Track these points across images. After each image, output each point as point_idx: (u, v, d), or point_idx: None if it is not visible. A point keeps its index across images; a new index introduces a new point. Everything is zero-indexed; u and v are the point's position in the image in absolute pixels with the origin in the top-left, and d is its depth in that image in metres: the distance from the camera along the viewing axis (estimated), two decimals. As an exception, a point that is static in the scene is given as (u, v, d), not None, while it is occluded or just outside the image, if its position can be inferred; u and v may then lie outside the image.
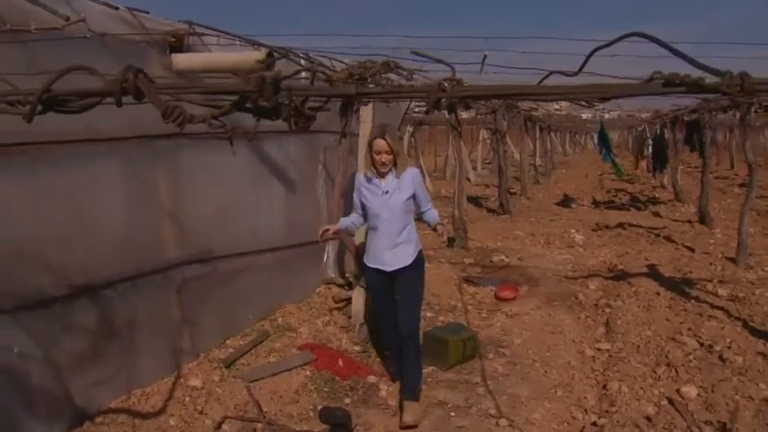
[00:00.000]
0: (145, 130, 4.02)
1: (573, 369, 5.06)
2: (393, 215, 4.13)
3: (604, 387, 4.64)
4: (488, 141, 24.71)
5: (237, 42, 4.95)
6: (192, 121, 1.51)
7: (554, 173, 24.15)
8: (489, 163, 26.63)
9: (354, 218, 4.45)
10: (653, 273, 7.64)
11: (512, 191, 14.75)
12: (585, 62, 2.32)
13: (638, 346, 5.30)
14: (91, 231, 3.67)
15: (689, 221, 11.35)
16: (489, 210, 13.70)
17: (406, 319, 4.23)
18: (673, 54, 1.92)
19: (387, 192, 4.13)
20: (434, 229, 4.33)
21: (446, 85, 2.00)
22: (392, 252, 4.18)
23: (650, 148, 15.89)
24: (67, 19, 2.34)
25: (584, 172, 24.81)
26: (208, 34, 4.48)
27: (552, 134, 28.80)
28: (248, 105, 1.65)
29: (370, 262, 4.30)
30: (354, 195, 4.34)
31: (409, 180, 4.15)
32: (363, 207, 4.29)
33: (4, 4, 3.10)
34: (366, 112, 5.37)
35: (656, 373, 4.73)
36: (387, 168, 4.09)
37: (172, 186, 4.27)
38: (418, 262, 4.27)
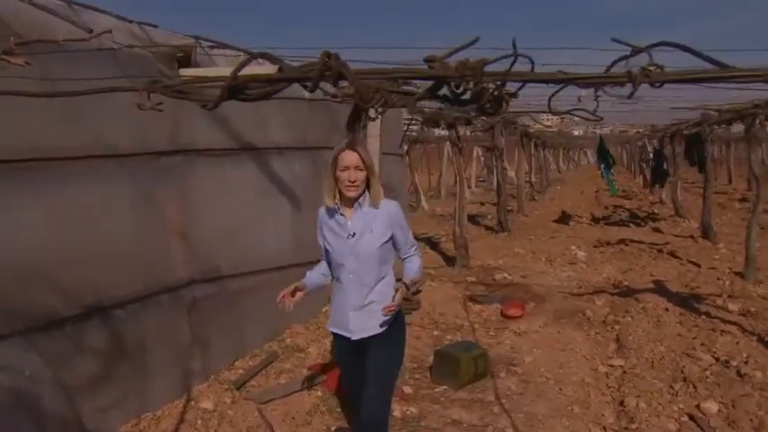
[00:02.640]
0: (153, 146, 4.04)
1: (588, 386, 5.07)
2: (362, 265, 3.11)
3: (621, 404, 4.65)
4: (482, 159, 24.91)
5: (243, 56, 4.99)
6: (395, 105, 1.50)
7: (549, 190, 24.31)
8: (483, 181, 26.82)
9: (324, 269, 3.37)
10: (660, 288, 7.70)
11: (508, 208, 14.84)
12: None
13: (652, 362, 5.33)
14: (100, 250, 3.66)
15: (691, 237, 11.45)
16: (487, 228, 13.76)
17: (371, 406, 3.14)
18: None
19: (353, 234, 3.09)
20: (397, 289, 3.15)
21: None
22: (360, 314, 3.14)
23: (649, 162, 16.06)
24: (91, 31, 2.36)
25: (579, 188, 25.00)
26: (215, 45, 4.52)
27: (545, 151, 29.04)
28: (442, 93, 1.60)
29: (333, 326, 3.29)
30: (318, 236, 3.29)
31: (385, 217, 3.12)
32: (327, 252, 3.26)
33: (13, 17, 3.13)
34: (373, 126, 5.40)
35: (673, 388, 4.74)
36: (356, 192, 3.03)
37: (180, 204, 4.28)
38: (395, 328, 3.22)
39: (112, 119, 3.69)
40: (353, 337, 3.18)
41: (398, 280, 3.25)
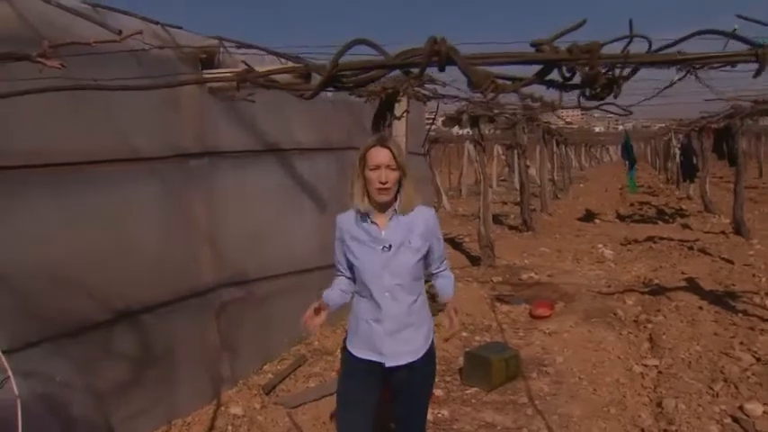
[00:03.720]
0: (180, 148, 4.03)
1: (623, 386, 4.97)
2: (400, 282, 2.71)
3: (659, 405, 4.54)
4: (503, 157, 24.75)
5: (266, 57, 4.97)
6: (505, 90, 1.44)
7: (572, 187, 24.09)
8: (504, 180, 26.66)
9: (344, 285, 2.93)
10: (692, 286, 7.55)
11: (531, 207, 14.72)
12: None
13: (689, 362, 5.21)
14: (129, 254, 3.65)
15: (722, 233, 11.25)
16: (511, 227, 13.65)
17: None
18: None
19: (389, 246, 2.69)
20: (441, 309, 2.92)
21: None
22: (397, 339, 2.73)
23: (677, 157, 15.81)
24: (120, 32, 2.35)
25: (603, 186, 24.73)
26: (239, 45, 4.50)
27: (567, 148, 28.80)
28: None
29: (356, 348, 2.80)
30: (336, 248, 2.88)
31: (422, 227, 2.75)
32: (352, 267, 2.83)
33: (40, 20, 3.12)
34: (399, 126, 5.35)
35: (712, 389, 4.62)
36: (388, 196, 2.68)
37: (207, 206, 4.27)
38: (432, 354, 2.87)
39: (140, 121, 3.69)
40: (388, 364, 2.72)
41: (432, 299, 3.00)
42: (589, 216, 15.42)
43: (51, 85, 2.02)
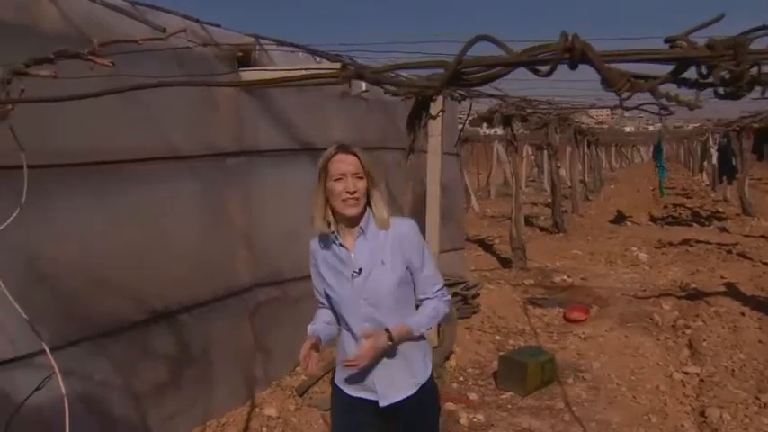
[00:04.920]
0: (218, 147, 4.04)
1: (663, 394, 4.88)
2: (379, 309, 2.36)
3: (702, 414, 4.44)
4: (532, 158, 24.54)
5: (301, 54, 4.97)
6: (641, 89, 1.38)
7: (603, 189, 23.79)
8: (533, 180, 26.43)
9: (327, 316, 2.59)
10: (733, 291, 7.38)
11: (562, 209, 14.58)
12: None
13: (733, 370, 5.09)
14: (167, 253, 3.67)
15: (763, 236, 11.01)
16: (542, 229, 13.53)
17: None
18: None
19: (358, 271, 2.35)
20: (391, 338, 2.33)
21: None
22: (388, 373, 2.39)
23: (714, 158, 15.52)
24: (164, 30, 2.35)
25: (634, 187, 24.37)
26: (276, 43, 4.50)
27: (598, 148, 28.45)
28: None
29: (345, 384, 2.47)
30: (313, 276, 2.57)
31: (396, 242, 2.36)
32: (328, 297, 2.50)
33: (83, 19, 3.15)
34: (434, 126, 5.31)
35: (759, 399, 4.50)
36: (358, 209, 2.31)
37: (244, 205, 4.28)
38: (431, 383, 2.51)
39: (178, 120, 3.71)
40: (382, 403, 2.39)
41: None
42: (621, 218, 15.22)
43: (103, 85, 2.01)
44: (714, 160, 15.86)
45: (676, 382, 5.13)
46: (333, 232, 2.37)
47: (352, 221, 2.35)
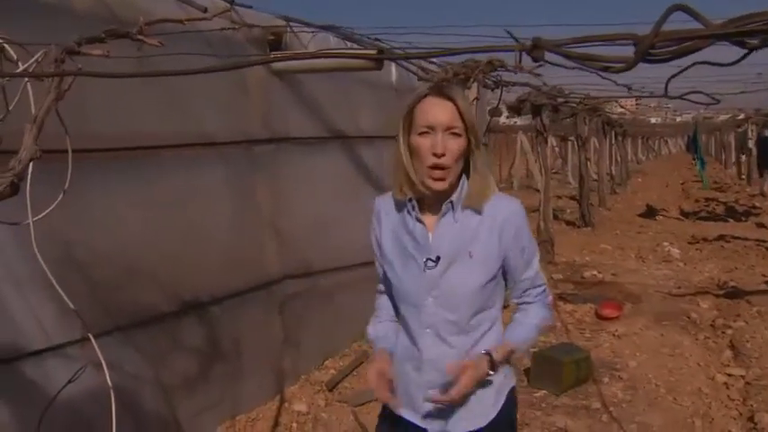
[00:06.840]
0: (248, 134, 4.00)
1: (707, 397, 4.78)
2: (448, 314, 1.81)
3: (750, 419, 4.34)
4: (557, 149, 24.33)
5: (332, 37, 4.91)
6: None
7: (630, 182, 23.55)
8: (556, 172, 26.21)
9: (390, 313, 2.05)
10: (775, 290, 7.25)
11: (589, 202, 14.45)
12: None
13: (780, 374, 4.98)
14: (198, 242, 3.64)
15: (804, 233, 10.82)
16: (568, 222, 13.41)
17: None
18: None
19: (435, 259, 1.80)
20: (492, 359, 1.82)
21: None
22: (443, 393, 1.79)
23: (752, 150, 15.25)
24: (205, 10, 2.30)
25: (663, 180, 24.11)
26: (307, 25, 4.44)
27: (625, 140, 28.15)
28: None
29: (398, 397, 1.90)
30: (374, 247, 2.02)
31: (496, 230, 1.80)
32: (387, 281, 1.97)
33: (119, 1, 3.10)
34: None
35: (810, 404, 4.40)
36: (443, 184, 1.75)
37: (273, 194, 4.24)
38: (508, 412, 1.93)
39: (209, 106, 3.66)
40: (433, 430, 1.88)
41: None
42: (650, 212, 15.02)
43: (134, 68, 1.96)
44: (753, 153, 15.58)
45: (719, 384, 5.02)
46: (410, 199, 1.81)
47: (437, 197, 1.79)
